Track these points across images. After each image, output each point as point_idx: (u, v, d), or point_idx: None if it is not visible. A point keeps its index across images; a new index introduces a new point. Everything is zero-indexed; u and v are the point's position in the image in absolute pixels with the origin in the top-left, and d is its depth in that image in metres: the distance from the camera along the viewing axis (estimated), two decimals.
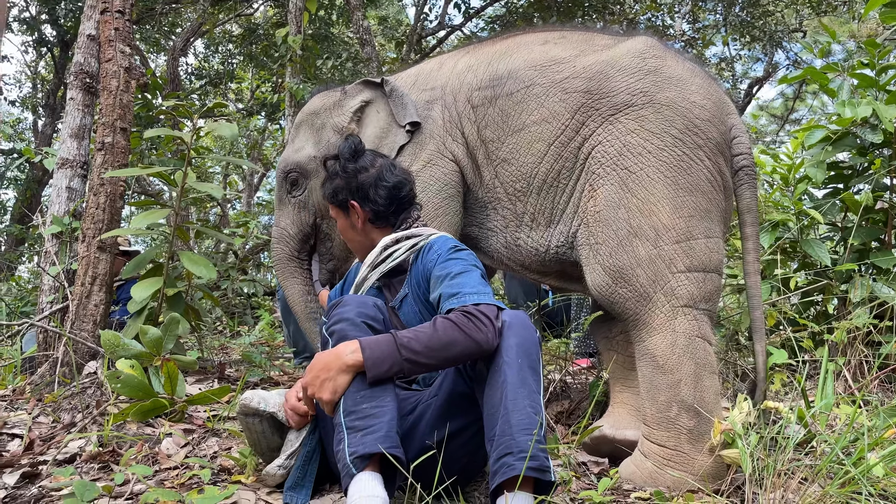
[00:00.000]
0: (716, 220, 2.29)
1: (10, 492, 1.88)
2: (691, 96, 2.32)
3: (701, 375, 2.15)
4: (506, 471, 1.55)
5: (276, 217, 3.00)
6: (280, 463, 1.86)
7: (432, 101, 2.68)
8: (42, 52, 14.05)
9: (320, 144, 2.86)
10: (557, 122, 2.40)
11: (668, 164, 2.25)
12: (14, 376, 3.13)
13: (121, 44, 3.21)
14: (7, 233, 11.68)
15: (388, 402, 1.61)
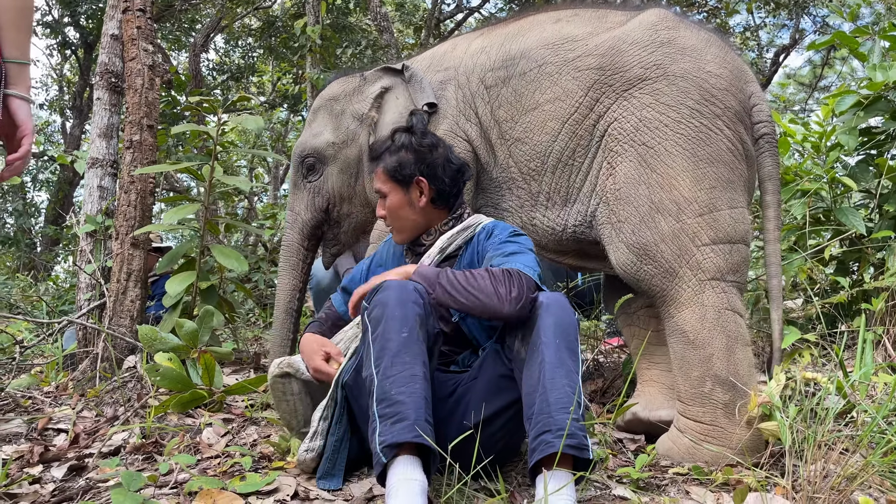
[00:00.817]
0: (739, 190, 2.26)
1: (58, 485, 1.93)
2: (707, 66, 2.29)
3: (733, 348, 2.13)
4: (544, 448, 1.55)
5: (291, 202, 2.99)
6: (306, 447, 1.89)
7: (446, 82, 2.68)
8: (66, 55, 14.26)
9: (339, 130, 2.84)
10: (571, 100, 2.39)
11: (686, 136, 2.22)
12: (57, 373, 3.21)
13: (144, 42, 3.25)
14: (42, 234, 11.95)
15: (418, 387, 1.61)
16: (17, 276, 8.26)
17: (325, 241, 3.00)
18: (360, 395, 1.78)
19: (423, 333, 1.69)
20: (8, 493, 1.83)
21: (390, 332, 1.66)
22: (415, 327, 1.68)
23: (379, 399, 1.61)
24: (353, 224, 2.94)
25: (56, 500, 1.80)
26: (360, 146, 2.78)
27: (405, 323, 1.68)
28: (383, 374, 1.63)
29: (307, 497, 1.80)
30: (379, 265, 2.25)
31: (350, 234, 2.97)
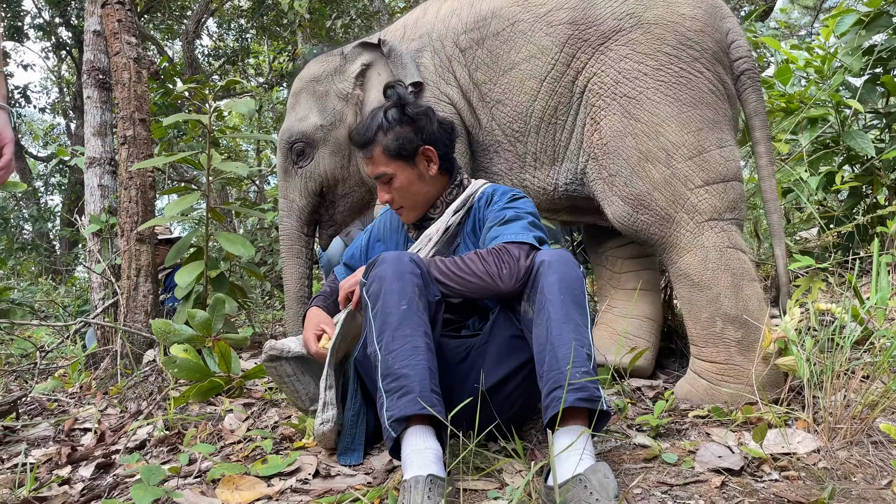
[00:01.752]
0: (726, 129, 2.24)
1: (87, 484, 1.97)
2: (680, 9, 2.26)
3: (740, 285, 2.11)
4: (556, 404, 1.54)
5: (283, 190, 2.92)
6: (320, 420, 1.91)
7: (421, 49, 2.63)
8: (62, 56, 14.23)
9: (326, 112, 2.79)
10: (547, 57, 2.35)
11: (666, 82, 2.20)
12: (79, 374, 3.26)
13: (126, 35, 3.21)
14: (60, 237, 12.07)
15: (421, 358, 1.60)
16: (40, 280, 8.37)
17: (321, 224, 2.99)
18: (370, 371, 1.78)
19: (423, 303, 1.68)
20: (38, 496, 1.86)
21: (389, 306, 1.66)
22: (414, 298, 1.67)
23: (384, 374, 1.61)
24: (349, 204, 2.93)
25: (85, 500, 1.83)
26: (349, 126, 2.74)
27: (403, 295, 1.66)
28: (386, 349, 1.62)
29: (328, 474, 1.81)
30: (377, 240, 2.22)
31: (346, 214, 2.96)
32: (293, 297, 2.91)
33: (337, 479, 1.78)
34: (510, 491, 1.58)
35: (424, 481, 1.43)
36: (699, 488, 1.54)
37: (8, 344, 4.56)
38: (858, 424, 1.73)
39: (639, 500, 1.50)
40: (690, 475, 1.61)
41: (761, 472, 1.62)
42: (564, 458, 1.47)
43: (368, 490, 1.64)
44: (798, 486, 1.53)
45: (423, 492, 1.42)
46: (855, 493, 1.49)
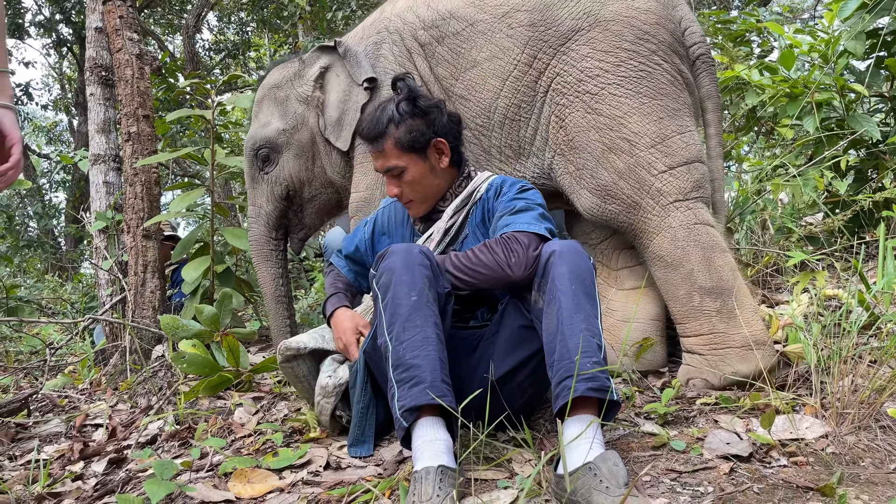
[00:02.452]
0: (685, 116, 2.32)
1: (100, 479, 1.99)
2: (634, 3, 2.34)
3: (711, 258, 2.18)
4: (566, 394, 1.55)
5: (251, 196, 2.91)
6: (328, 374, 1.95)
7: (379, 43, 2.67)
8: (63, 53, 14.23)
9: (287, 117, 2.78)
10: (508, 58, 2.41)
11: (627, 77, 2.28)
12: (89, 370, 3.28)
13: (128, 31, 3.21)
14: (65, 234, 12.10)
15: (431, 349, 1.61)
16: (46, 277, 8.40)
17: (290, 228, 2.97)
18: (380, 362, 1.79)
19: (432, 295, 1.69)
20: (52, 492, 1.88)
21: (400, 297, 1.66)
22: (424, 290, 1.67)
23: (395, 365, 1.62)
24: (317, 206, 2.92)
25: (98, 495, 1.85)
26: (311, 129, 2.76)
27: (413, 286, 1.67)
28: (396, 340, 1.63)
29: (339, 466, 1.83)
30: (382, 234, 2.21)
31: (315, 216, 2.95)
32: (271, 297, 2.91)
33: (348, 470, 1.79)
34: (520, 480, 1.59)
35: (435, 472, 1.44)
36: (708, 475, 1.55)
37: (17, 341, 4.59)
38: (866, 409, 1.74)
39: (648, 488, 1.51)
40: (699, 462, 1.61)
41: (770, 458, 1.63)
42: (574, 447, 1.48)
43: (379, 481, 1.66)
44: (807, 471, 1.54)
45: (434, 483, 1.43)
46: (863, 477, 1.50)
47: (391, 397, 1.61)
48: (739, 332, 2.12)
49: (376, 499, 1.56)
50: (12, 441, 2.45)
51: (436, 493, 1.41)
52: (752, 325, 2.13)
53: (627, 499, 1.33)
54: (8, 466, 2.23)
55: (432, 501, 1.40)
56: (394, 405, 1.59)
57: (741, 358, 2.11)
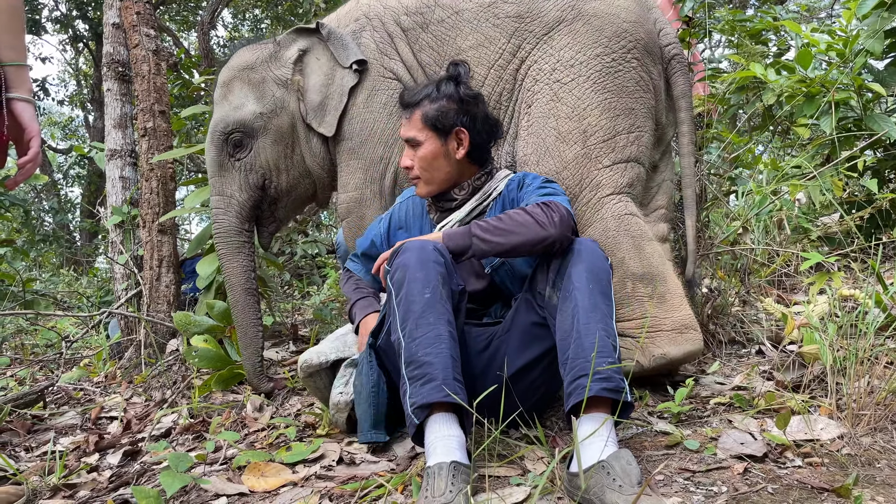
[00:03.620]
0: (641, 117, 2.38)
1: (115, 470, 2.00)
2: (616, 0, 2.40)
3: (641, 245, 2.23)
4: (580, 392, 1.55)
5: (218, 185, 2.66)
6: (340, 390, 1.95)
7: (359, 31, 2.61)
8: (79, 48, 14.33)
9: (265, 100, 2.61)
10: (494, 47, 2.44)
11: (599, 71, 2.33)
12: (104, 363, 3.30)
13: (145, 27, 3.23)
14: (80, 228, 12.21)
15: (444, 346, 1.61)
16: (61, 271, 8.47)
17: (261, 221, 2.77)
18: (394, 358, 1.79)
19: (446, 292, 1.69)
20: (67, 483, 1.90)
21: (413, 294, 1.66)
22: (437, 287, 1.68)
23: (407, 361, 1.62)
24: (293, 198, 2.75)
25: (113, 486, 1.87)
26: (292, 114, 2.62)
27: (427, 283, 1.67)
28: (409, 337, 1.63)
29: (352, 461, 1.84)
30: (399, 227, 2.21)
31: (290, 208, 2.79)
32: (240, 289, 2.63)
33: (361, 465, 1.80)
34: (532, 477, 1.59)
35: (448, 468, 1.45)
36: (722, 475, 1.54)
37: (33, 334, 4.64)
38: (882, 410, 1.72)
39: (661, 486, 1.50)
40: (713, 462, 1.61)
41: (784, 458, 1.62)
42: (587, 445, 1.47)
43: (392, 477, 1.66)
44: (822, 472, 1.53)
45: (447, 478, 1.43)
46: (879, 479, 1.49)
47: (403, 394, 1.61)
48: (669, 315, 2.18)
49: (389, 494, 1.56)
50: (28, 433, 2.47)
51: (448, 488, 1.41)
52: (681, 310, 2.19)
53: (641, 497, 1.32)
54: (24, 458, 2.26)
55: (445, 497, 1.40)
56: (406, 402, 1.59)
57: (670, 340, 2.15)
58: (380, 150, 2.51)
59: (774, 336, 2.55)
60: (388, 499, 1.54)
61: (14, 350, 4.10)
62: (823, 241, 3.34)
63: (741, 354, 2.51)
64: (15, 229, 6.13)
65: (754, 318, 2.71)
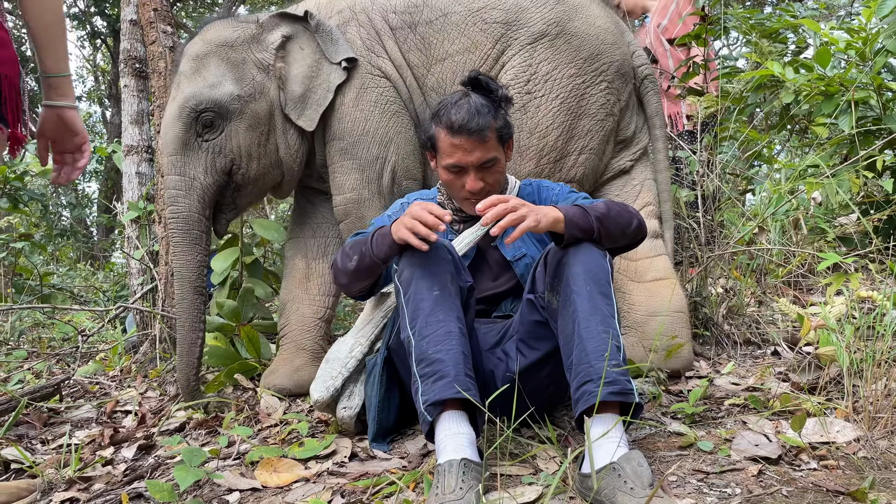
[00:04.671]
0: (595, 139, 2.50)
1: (129, 464, 2.02)
2: (597, 21, 2.52)
3: None
4: (587, 398, 1.54)
5: (180, 165, 2.44)
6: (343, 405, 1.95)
7: (344, 24, 2.56)
8: (97, 45, 14.44)
9: (243, 82, 2.47)
10: (480, 52, 2.49)
11: (568, 90, 2.44)
12: (120, 357, 3.33)
13: (162, 24, 3.25)
14: (97, 223, 12.31)
15: (455, 342, 1.61)
16: (78, 266, 8.55)
17: (220, 207, 2.58)
18: (404, 357, 1.78)
19: (455, 289, 1.68)
20: (83, 476, 1.92)
21: (422, 292, 1.66)
22: (446, 284, 1.67)
23: (418, 359, 1.61)
24: (259, 187, 2.60)
25: (128, 480, 1.88)
26: (271, 101, 2.51)
27: (436, 281, 1.67)
28: (419, 334, 1.63)
29: (364, 458, 1.84)
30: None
31: (252, 196, 2.64)
32: (189, 286, 2.42)
33: (372, 462, 1.80)
34: (544, 477, 1.58)
35: (458, 465, 1.45)
36: (736, 476, 1.53)
37: (50, 328, 4.69)
38: None
39: (674, 487, 1.50)
40: (727, 463, 1.60)
41: (799, 461, 1.61)
42: (598, 447, 1.47)
43: (404, 474, 1.66)
44: (837, 475, 1.52)
45: (458, 475, 1.43)
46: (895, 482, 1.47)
47: (415, 392, 1.61)
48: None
49: (401, 491, 1.56)
50: (44, 425, 2.50)
51: (459, 485, 1.41)
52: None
53: (653, 500, 1.32)
54: (40, 450, 2.28)
55: (455, 494, 1.40)
56: (418, 399, 1.59)
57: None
58: (374, 150, 2.49)
59: (790, 337, 2.53)
60: (399, 496, 1.54)
61: (31, 343, 4.15)
62: (841, 242, 3.30)
63: (756, 355, 2.49)
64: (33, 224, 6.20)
65: (770, 318, 2.69)
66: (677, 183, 3.40)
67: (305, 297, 2.64)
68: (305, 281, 2.67)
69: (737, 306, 2.62)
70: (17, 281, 4.95)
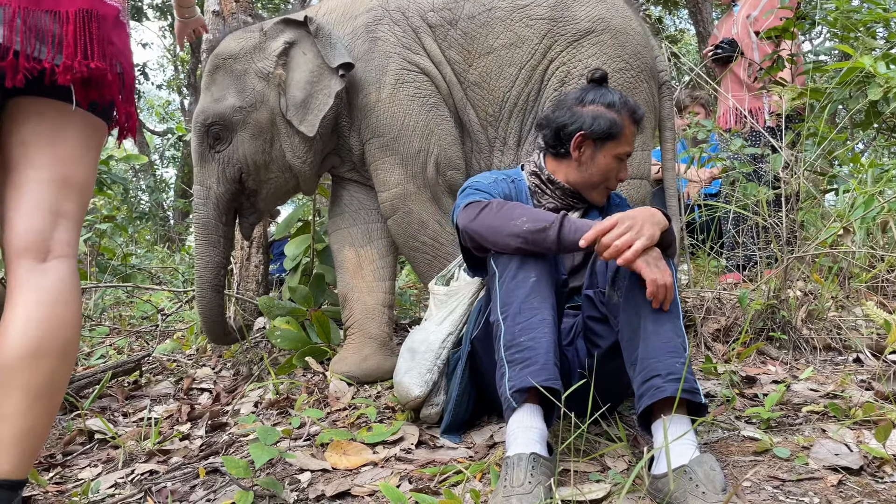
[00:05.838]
0: (649, 137, 2.64)
1: (205, 440, 2.10)
2: (631, 23, 2.61)
3: None
4: (655, 393, 1.51)
5: (199, 176, 2.62)
6: (430, 402, 1.95)
7: (375, 22, 2.56)
8: None
9: (245, 93, 2.54)
10: (527, 47, 2.52)
11: (621, 84, 2.49)
12: (196, 337, 3.45)
13: (243, 15, 3.34)
14: (174, 208, 12.77)
15: (547, 331, 1.59)
16: (156, 248, 8.89)
17: (241, 212, 2.72)
18: (489, 348, 1.76)
19: (551, 279, 1.68)
20: (161, 449, 2.00)
21: (520, 277, 1.65)
22: (544, 272, 1.66)
23: (507, 344, 1.60)
24: (272, 190, 2.68)
25: (203, 455, 1.96)
26: (272, 108, 2.55)
27: (535, 268, 1.66)
28: (512, 320, 1.61)
29: (432, 445, 1.86)
30: None
31: (270, 201, 2.74)
32: (207, 285, 2.59)
33: (440, 451, 1.82)
34: (612, 475, 1.57)
35: (528, 459, 1.44)
36: (814, 485, 1.48)
37: (130, 306, 4.90)
38: None
39: (748, 493, 1.46)
40: (804, 471, 1.54)
41: (882, 472, 1.54)
42: (670, 449, 1.44)
43: (471, 464, 1.67)
44: None
45: (526, 470, 1.43)
46: None
47: (500, 377, 1.60)
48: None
49: (467, 480, 1.58)
50: (126, 399, 2.61)
51: (527, 479, 1.41)
52: None
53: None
54: (122, 423, 2.39)
55: (524, 488, 1.40)
56: (503, 384, 1.57)
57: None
58: (416, 143, 2.51)
59: (874, 344, 2.42)
60: (466, 485, 1.55)
61: (112, 320, 4.34)
62: None
63: (837, 362, 2.40)
64: (115, 206, 6.48)
65: (852, 324, 2.59)
66: (754, 180, 3.30)
67: (363, 286, 2.65)
68: (359, 270, 2.67)
69: (817, 310, 2.52)
70: (101, 261, 5.17)
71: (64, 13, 1.33)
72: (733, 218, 3.67)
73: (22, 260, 1.34)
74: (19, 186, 1.36)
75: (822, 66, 3.71)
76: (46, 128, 1.39)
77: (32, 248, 1.34)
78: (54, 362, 1.31)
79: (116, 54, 1.42)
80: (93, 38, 1.35)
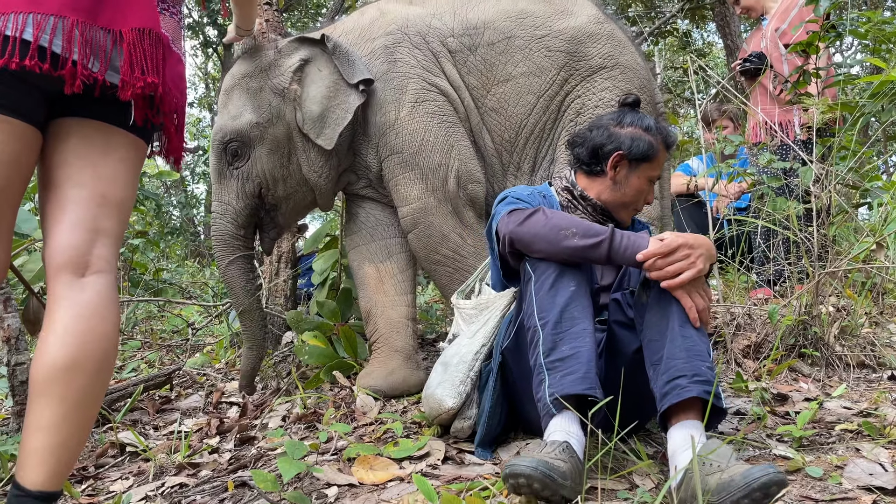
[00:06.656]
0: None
1: (234, 453, 2.12)
2: (636, 58, 2.77)
3: None
4: (679, 392, 1.51)
5: (218, 192, 2.67)
6: (462, 415, 1.94)
7: (395, 45, 2.62)
8: (208, 53, 15.20)
9: (261, 109, 2.58)
10: (546, 77, 2.63)
11: None
12: (225, 351, 3.49)
13: (273, 34, 3.39)
14: (204, 223, 12.95)
15: (587, 341, 1.59)
16: (186, 262, 9.01)
17: (262, 227, 2.76)
18: (521, 359, 1.77)
19: (588, 289, 1.69)
20: (191, 462, 2.03)
21: (559, 284, 1.65)
22: (582, 281, 1.67)
23: (546, 351, 1.60)
24: (291, 205, 2.73)
25: (232, 468, 1.97)
26: (288, 123, 2.60)
27: (573, 276, 1.67)
28: (553, 327, 1.61)
29: (458, 461, 1.85)
30: None
31: (289, 215, 2.78)
32: (242, 290, 2.65)
33: (467, 467, 1.81)
34: (640, 493, 1.55)
35: (562, 444, 1.47)
36: None
37: (161, 320, 4.97)
38: None
39: None
40: (838, 491, 1.51)
41: None
42: (681, 455, 1.47)
43: (497, 480, 1.67)
44: None
45: (554, 448, 1.45)
46: None
47: (538, 383, 1.60)
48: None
49: (494, 496, 1.57)
50: (157, 412, 2.65)
51: (560, 456, 1.43)
52: None
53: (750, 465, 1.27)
54: (153, 435, 2.43)
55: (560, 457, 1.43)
56: (543, 390, 1.58)
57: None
58: (437, 158, 2.55)
59: None
60: (493, 500, 1.54)
61: (144, 334, 4.41)
62: None
63: (871, 379, 2.35)
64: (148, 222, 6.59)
65: (886, 341, 2.54)
66: (785, 195, 3.26)
67: (386, 301, 2.67)
68: (380, 285, 2.70)
69: (850, 326, 2.48)
70: (133, 275, 5.26)
71: (118, 31, 1.37)
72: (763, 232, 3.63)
73: (61, 275, 1.37)
74: (61, 204, 1.40)
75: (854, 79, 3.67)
76: (89, 148, 1.43)
77: (71, 264, 1.37)
78: (91, 375, 1.34)
79: (170, 76, 1.46)
80: (146, 55, 1.40)
